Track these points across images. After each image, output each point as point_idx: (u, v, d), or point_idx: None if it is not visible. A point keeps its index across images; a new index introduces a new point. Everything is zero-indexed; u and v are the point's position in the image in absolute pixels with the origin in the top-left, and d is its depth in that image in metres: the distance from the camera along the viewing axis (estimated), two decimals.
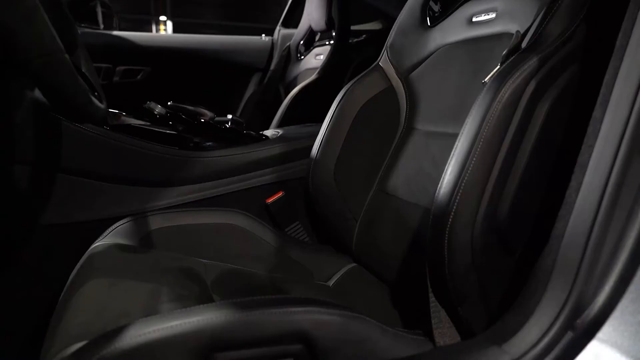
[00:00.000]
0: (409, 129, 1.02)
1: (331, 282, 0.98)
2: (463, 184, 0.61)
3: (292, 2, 2.45)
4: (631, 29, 0.55)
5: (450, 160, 0.64)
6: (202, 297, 0.72)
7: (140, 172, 1.00)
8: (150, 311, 0.63)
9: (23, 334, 0.94)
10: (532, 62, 0.63)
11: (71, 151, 0.92)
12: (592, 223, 0.52)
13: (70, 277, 0.73)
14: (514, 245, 0.68)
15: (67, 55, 0.47)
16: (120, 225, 0.89)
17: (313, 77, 1.88)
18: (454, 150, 0.64)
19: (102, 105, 0.58)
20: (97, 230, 0.88)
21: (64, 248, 0.93)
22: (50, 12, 0.51)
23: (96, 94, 0.61)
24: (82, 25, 1.92)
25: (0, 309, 0.92)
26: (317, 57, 2.06)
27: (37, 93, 0.87)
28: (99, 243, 0.82)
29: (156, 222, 0.90)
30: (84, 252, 0.80)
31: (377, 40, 2.28)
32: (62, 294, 0.69)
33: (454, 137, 0.67)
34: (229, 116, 1.20)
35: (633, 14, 0.55)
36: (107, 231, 0.87)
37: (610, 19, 0.61)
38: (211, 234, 0.94)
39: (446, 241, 0.62)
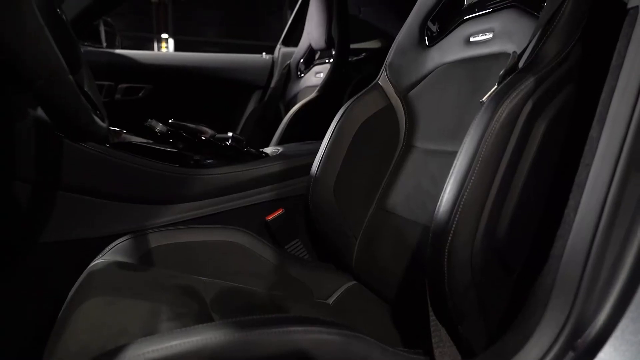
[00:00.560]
0: (408, 146, 1.03)
1: (331, 300, 0.97)
2: (462, 203, 0.61)
3: (292, 21, 2.49)
4: (625, 49, 0.56)
5: (449, 178, 0.64)
6: (201, 316, 0.72)
7: (140, 190, 1.01)
8: (150, 330, 0.63)
9: (22, 352, 0.93)
10: (528, 82, 0.64)
11: (72, 168, 0.92)
12: (591, 242, 0.53)
13: (70, 294, 0.73)
14: (513, 264, 0.68)
15: (70, 76, 0.48)
16: (120, 243, 0.89)
17: (313, 94, 1.90)
18: (452, 168, 0.64)
19: (104, 124, 0.58)
20: (96, 247, 0.88)
21: (63, 265, 0.93)
22: (55, 32, 0.52)
23: (98, 112, 0.62)
24: (85, 43, 1.95)
25: None
26: (317, 75, 2.08)
27: (40, 111, 0.88)
28: (99, 261, 0.82)
29: (156, 240, 0.90)
30: (84, 270, 0.80)
31: (376, 58, 2.32)
32: (61, 311, 0.69)
33: (452, 155, 0.67)
34: (230, 134, 1.21)
35: (627, 34, 0.56)
36: (107, 249, 0.87)
37: (604, 39, 0.62)
38: (211, 252, 0.93)
39: (446, 259, 0.62)
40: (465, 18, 0.97)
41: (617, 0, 0.71)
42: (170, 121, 1.13)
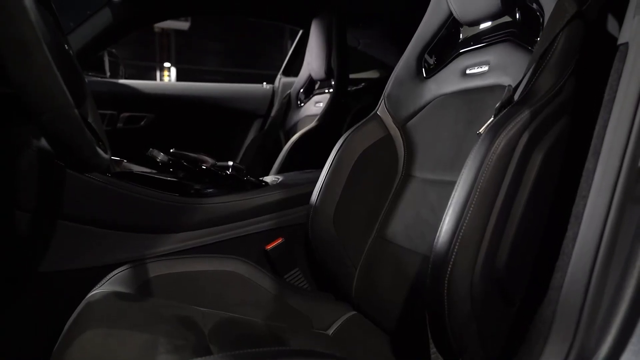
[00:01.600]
0: (407, 176, 1.03)
1: (331, 331, 0.96)
2: (461, 233, 0.61)
3: (292, 52, 2.54)
4: (617, 83, 0.57)
5: (448, 209, 0.64)
6: (199, 348, 0.71)
7: (140, 219, 1.01)
8: None
9: None
10: (524, 115, 0.65)
11: (72, 198, 0.93)
12: (590, 274, 0.53)
13: (67, 326, 0.72)
14: (513, 295, 0.67)
15: (75, 110, 0.49)
16: (119, 273, 0.88)
17: (313, 124, 1.92)
18: (451, 199, 0.65)
19: (106, 156, 0.59)
20: (95, 277, 0.88)
21: (62, 296, 0.92)
22: (61, 65, 0.53)
23: (101, 144, 0.63)
24: (90, 73, 1.99)
25: None
26: (316, 105, 2.11)
27: (43, 141, 0.89)
28: (97, 291, 0.81)
29: (155, 270, 0.90)
30: (82, 300, 0.79)
31: (375, 88, 2.36)
32: (58, 342, 0.68)
33: (451, 184, 0.68)
34: (230, 162, 1.22)
35: (618, 69, 0.58)
36: (106, 278, 0.87)
37: (597, 73, 0.64)
38: (210, 282, 0.93)
39: (445, 290, 0.62)
40: (461, 51, 0.99)
41: (607, 36, 0.74)
42: (171, 150, 1.14)
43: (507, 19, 0.90)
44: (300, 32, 2.41)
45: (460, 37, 1.01)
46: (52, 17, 0.64)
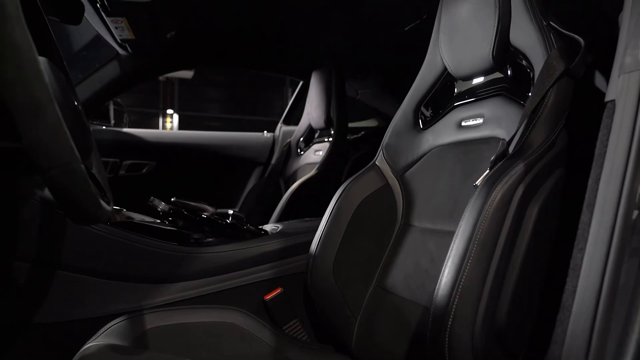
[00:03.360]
0: (406, 225, 1.04)
1: None
2: (461, 286, 0.61)
3: (292, 102, 2.62)
4: (607, 138, 0.59)
5: (447, 261, 0.65)
6: None
7: (139, 269, 1.00)
8: None
9: None
10: (519, 168, 0.67)
11: (72, 247, 0.93)
12: (591, 328, 0.52)
13: None
14: (515, 349, 0.66)
15: (82, 165, 0.50)
16: (115, 325, 0.87)
17: (312, 172, 1.95)
18: (449, 251, 0.65)
19: (109, 208, 0.60)
20: (92, 328, 0.86)
21: (57, 348, 0.90)
22: (71, 122, 0.55)
23: (105, 197, 0.64)
24: (94, 122, 2.04)
25: None
26: (316, 153, 2.14)
27: (45, 191, 0.91)
28: (92, 344, 0.80)
29: (152, 321, 0.89)
30: (76, 353, 0.78)
31: (373, 136, 2.41)
32: None
33: (450, 234, 0.69)
34: (230, 211, 1.22)
35: (607, 125, 0.60)
36: (101, 330, 0.85)
37: (587, 128, 0.66)
38: (207, 334, 0.91)
39: (447, 344, 0.61)
40: (456, 104, 1.03)
41: (595, 93, 0.77)
42: (172, 199, 1.15)
43: (499, 74, 0.94)
44: (301, 83, 2.49)
45: (455, 90, 1.05)
46: (63, 74, 0.67)
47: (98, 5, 1.32)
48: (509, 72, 0.92)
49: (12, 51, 0.43)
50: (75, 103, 0.68)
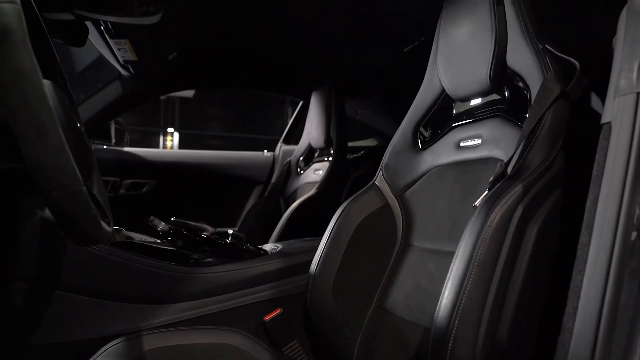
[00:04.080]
0: (406, 245, 1.04)
1: None
2: (461, 308, 0.61)
3: (292, 122, 2.64)
4: (604, 160, 0.60)
5: (447, 282, 0.65)
6: None
7: (138, 289, 1.00)
8: None
9: None
10: (517, 189, 0.68)
11: (71, 267, 0.92)
12: (593, 350, 0.52)
13: None
14: None
15: (84, 187, 0.51)
16: (113, 346, 0.86)
17: (312, 191, 1.95)
18: (449, 272, 0.65)
19: (109, 229, 0.60)
20: (90, 349, 0.85)
21: None
22: (74, 143, 0.56)
23: (106, 218, 0.64)
24: (95, 141, 2.05)
25: None
26: (316, 172, 2.15)
27: (46, 211, 0.91)
28: None
29: (150, 342, 0.88)
30: None
31: (373, 156, 2.42)
32: None
33: (449, 254, 0.69)
34: (230, 230, 1.22)
35: (604, 146, 0.61)
36: (100, 352, 0.84)
37: (584, 149, 0.67)
38: (206, 356, 0.90)
39: None
40: (454, 125, 1.04)
41: (591, 115, 0.78)
42: (172, 219, 1.15)
43: (496, 96, 0.95)
44: (301, 102, 2.52)
45: (454, 111, 1.06)
46: (67, 96, 0.68)
47: (102, 27, 1.35)
48: (506, 94, 0.94)
49: (18, 76, 0.44)
50: (78, 125, 0.69)
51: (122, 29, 1.37)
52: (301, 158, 2.31)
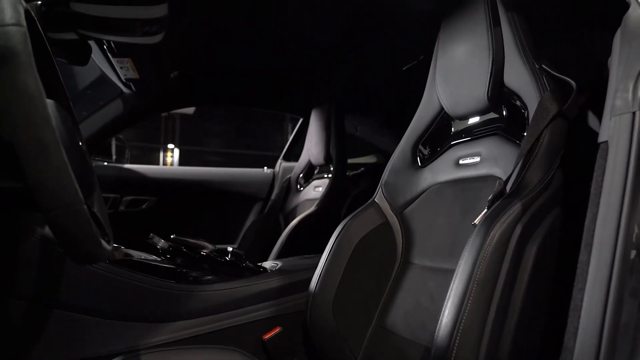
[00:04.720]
0: (406, 263, 1.04)
1: None
2: (461, 327, 0.61)
3: (292, 139, 2.65)
4: (602, 179, 0.60)
5: (447, 301, 0.64)
6: None
7: (137, 307, 0.99)
8: None
9: None
10: (516, 207, 0.68)
11: (70, 286, 0.92)
12: None
13: None
14: None
15: (84, 205, 0.51)
16: None
17: (312, 208, 1.95)
18: (449, 291, 0.65)
19: (109, 247, 0.60)
20: None
21: None
22: (75, 162, 0.56)
23: (106, 237, 0.64)
24: (96, 158, 2.06)
25: None
26: (316, 189, 2.16)
27: (46, 229, 0.91)
28: None
29: None
30: None
31: (373, 172, 2.42)
32: None
33: (449, 272, 0.69)
34: (229, 248, 1.22)
35: (601, 165, 0.61)
36: None
37: (582, 168, 0.68)
38: None
39: None
40: (453, 143, 1.05)
41: (589, 133, 0.78)
42: (171, 237, 1.15)
43: (494, 114, 0.96)
44: (301, 120, 2.53)
45: (452, 129, 1.07)
46: (69, 115, 0.69)
47: (105, 46, 1.37)
48: (504, 112, 0.94)
49: (23, 97, 0.44)
50: (80, 143, 0.69)
51: (125, 48, 1.39)
52: (301, 175, 2.32)
